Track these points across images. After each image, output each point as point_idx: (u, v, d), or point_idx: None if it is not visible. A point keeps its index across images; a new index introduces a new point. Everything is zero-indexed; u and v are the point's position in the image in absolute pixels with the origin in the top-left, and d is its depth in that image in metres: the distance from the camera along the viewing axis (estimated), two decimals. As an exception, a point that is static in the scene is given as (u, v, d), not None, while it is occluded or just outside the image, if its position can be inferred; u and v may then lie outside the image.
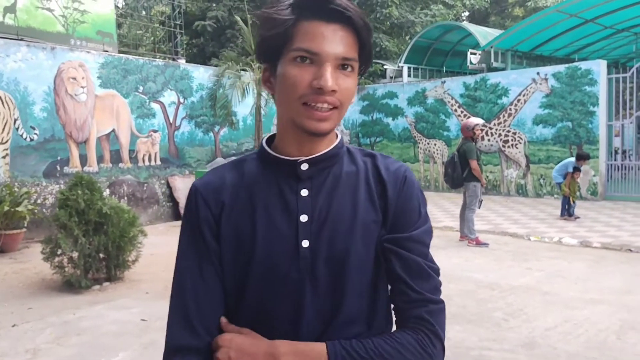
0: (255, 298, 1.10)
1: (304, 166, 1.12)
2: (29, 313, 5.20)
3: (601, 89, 12.76)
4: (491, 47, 15.16)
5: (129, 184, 10.84)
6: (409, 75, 17.51)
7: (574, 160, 10.44)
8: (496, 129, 14.33)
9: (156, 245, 7.61)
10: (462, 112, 14.87)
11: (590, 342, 4.32)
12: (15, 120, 9.14)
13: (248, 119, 13.15)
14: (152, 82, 11.32)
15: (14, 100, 9.13)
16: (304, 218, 1.10)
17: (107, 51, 10.96)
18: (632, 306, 5.23)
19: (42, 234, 7.15)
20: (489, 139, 14.40)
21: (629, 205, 11.99)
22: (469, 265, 6.98)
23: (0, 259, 7.76)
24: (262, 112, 12.36)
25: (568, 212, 10.34)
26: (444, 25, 17.88)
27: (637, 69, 13.10)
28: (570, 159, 10.64)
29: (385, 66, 17.95)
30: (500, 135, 14.28)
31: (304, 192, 1.12)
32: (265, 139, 1.19)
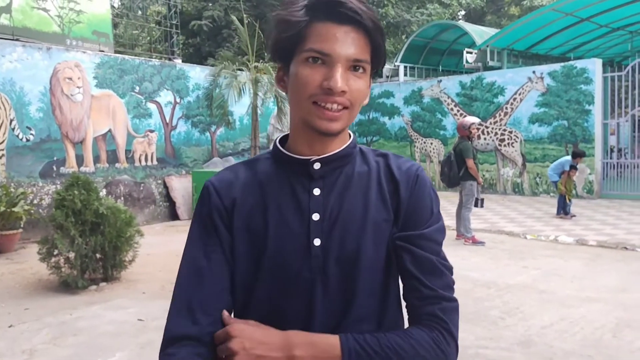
0: (265, 295, 1.11)
1: (316, 165, 1.13)
2: (26, 313, 5.19)
3: (597, 88, 12.80)
4: (487, 46, 15.20)
5: (125, 184, 10.83)
6: (405, 74, 17.54)
7: (570, 158, 10.45)
8: (492, 128, 14.36)
9: (153, 245, 7.61)
10: (459, 111, 14.90)
11: (586, 340, 4.34)
12: (11, 120, 9.12)
13: (244, 119, 13.15)
14: (149, 82, 11.30)
15: (9, 101, 9.11)
16: (316, 217, 1.11)
17: (103, 51, 10.94)
18: (628, 304, 5.25)
19: (39, 234, 7.13)
20: (485, 138, 14.43)
21: (624, 203, 12.04)
22: (466, 263, 6.99)
23: (-3, 259, 7.74)
24: (259, 112, 12.35)
25: (564, 211, 10.37)
26: (440, 24, 17.93)
27: (632, 67, 13.14)
28: (566, 158, 10.66)
29: (381, 65, 17.96)
30: (496, 134, 14.32)
31: (316, 191, 1.13)
32: (278, 139, 1.21)
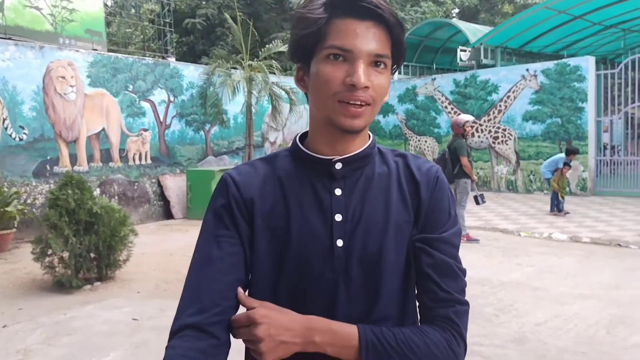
0: (287, 295, 1.10)
1: (338, 165, 1.13)
2: (20, 314, 5.17)
3: (590, 85, 12.85)
4: (481, 44, 15.22)
5: (119, 183, 10.80)
6: (399, 72, 17.43)
7: (563, 156, 10.50)
8: (486, 126, 14.39)
9: (147, 245, 7.58)
10: (453, 109, 14.93)
11: (580, 337, 4.36)
12: (4, 119, 9.06)
13: (239, 117, 13.12)
14: (142, 81, 11.26)
15: (2, 100, 9.05)
16: (338, 217, 1.11)
17: (96, 50, 10.89)
18: (622, 301, 5.28)
19: (32, 234, 7.09)
20: (479, 136, 14.47)
21: (617, 200, 12.10)
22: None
23: (-10, 259, 7.71)
24: (253, 110, 12.33)
25: (557, 208, 10.41)
26: (434, 22, 17.95)
27: (625, 64, 13.20)
28: (560, 155, 10.70)
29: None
30: (490, 131, 14.35)
31: (338, 192, 1.12)
32: (297, 137, 1.20)
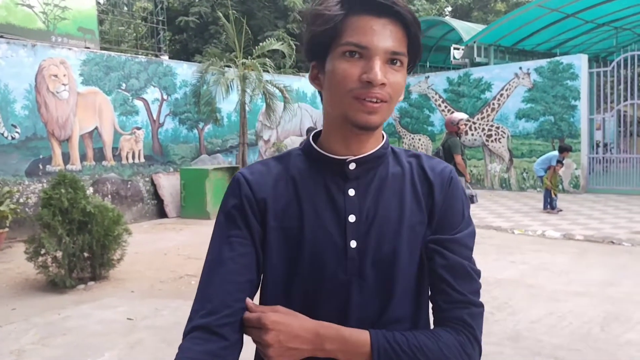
0: (300, 296, 1.10)
1: (352, 165, 1.12)
2: (13, 314, 5.14)
3: (582, 83, 12.91)
4: (474, 42, 15.24)
5: (112, 182, 10.75)
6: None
7: (556, 153, 10.53)
8: (480, 124, 14.43)
9: (141, 244, 7.55)
10: (446, 107, 14.96)
11: (574, 334, 4.38)
12: (-4, 118, 9.01)
13: (232, 116, 13.09)
14: (135, 79, 11.21)
15: (-6, 98, 9.00)
16: (352, 218, 1.10)
17: (89, 48, 10.82)
18: (616, 298, 5.30)
19: (25, 233, 7.06)
20: (472, 134, 14.50)
21: (610, 197, 12.16)
22: (455, 259, 7.01)
23: (-17, 259, 7.65)
24: (247, 109, 12.31)
25: (550, 205, 10.45)
26: (427, 20, 17.94)
27: (618, 62, 13.26)
28: (553, 153, 10.73)
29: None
30: (483, 129, 14.39)
31: (351, 192, 1.11)
32: (311, 136, 1.19)
